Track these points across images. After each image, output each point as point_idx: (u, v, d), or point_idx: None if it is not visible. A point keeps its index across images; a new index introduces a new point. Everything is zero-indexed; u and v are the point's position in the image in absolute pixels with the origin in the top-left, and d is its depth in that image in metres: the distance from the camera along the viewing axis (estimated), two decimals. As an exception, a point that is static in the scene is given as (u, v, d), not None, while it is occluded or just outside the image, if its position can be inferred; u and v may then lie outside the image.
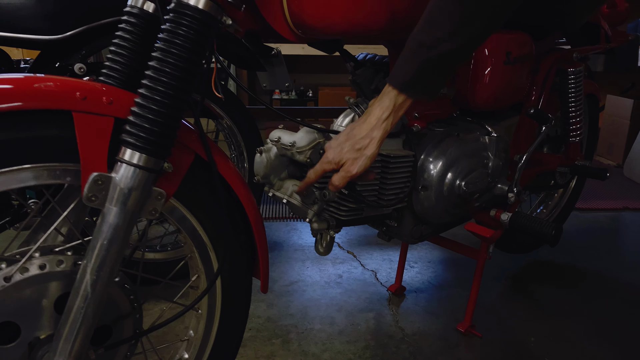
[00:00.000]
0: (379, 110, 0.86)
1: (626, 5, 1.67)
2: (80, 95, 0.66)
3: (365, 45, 2.96)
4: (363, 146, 0.87)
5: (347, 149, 0.88)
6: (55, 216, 0.77)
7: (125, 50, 0.81)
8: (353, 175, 0.88)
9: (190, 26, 0.69)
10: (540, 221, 1.19)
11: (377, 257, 1.85)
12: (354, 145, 0.87)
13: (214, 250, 0.87)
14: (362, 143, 0.87)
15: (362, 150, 0.87)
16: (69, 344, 0.68)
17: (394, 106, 0.86)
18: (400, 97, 0.85)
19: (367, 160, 0.87)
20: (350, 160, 0.88)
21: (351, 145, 0.88)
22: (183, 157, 0.77)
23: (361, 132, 0.87)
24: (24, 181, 0.67)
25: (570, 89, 1.46)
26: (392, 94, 0.85)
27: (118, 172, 0.68)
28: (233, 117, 1.74)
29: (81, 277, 0.68)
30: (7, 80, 0.65)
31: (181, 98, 0.70)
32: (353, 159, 0.88)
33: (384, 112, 0.86)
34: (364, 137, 0.87)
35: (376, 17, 0.89)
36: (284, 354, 1.29)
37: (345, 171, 0.88)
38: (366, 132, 0.87)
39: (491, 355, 1.30)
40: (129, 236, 0.71)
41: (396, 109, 0.86)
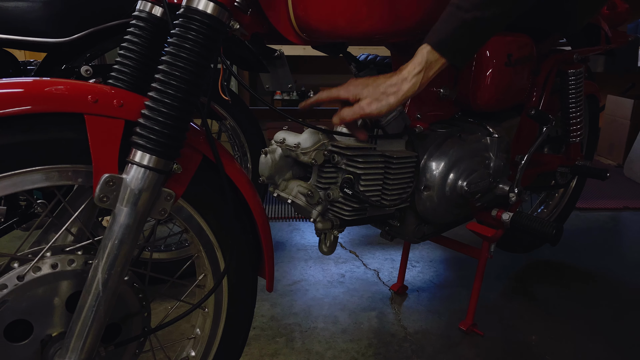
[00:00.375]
0: (412, 65, 0.87)
1: (626, 7, 1.69)
2: (92, 98, 0.68)
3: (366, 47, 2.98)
4: (387, 92, 0.88)
5: (371, 88, 0.88)
6: (66, 216, 0.79)
7: (134, 54, 0.82)
8: (365, 113, 0.88)
9: (199, 31, 0.70)
10: (541, 221, 1.21)
11: (380, 257, 1.87)
12: (379, 87, 0.88)
13: (220, 250, 0.89)
14: (388, 88, 0.88)
15: (385, 95, 0.88)
16: (80, 342, 0.70)
17: (425, 62, 0.86)
18: (432, 55, 0.86)
19: (387, 105, 0.88)
20: (369, 99, 0.88)
21: (376, 87, 0.88)
22: (191, 158, 0.79)
23: (391, 80, 0.88)
24: (36, 182, 0.68)
25: (570, 90, 1.47)
26: (425, 50, 0.86)
27: (129, 174, 0.70)
28: (236, 118, 1.76)
29: (93, 276, 0.70)
30: (18, 84, 0.67)
31: (190, 101, 0.72)
32: (373, 99, 0.88)
33: (415, 67, 0.87)
34: (392, 85, 0.88)
35: (381, 22, 0.91)
36: (288, 352, 1.30)
37: (359, 107, 0.89)
38: (396, 81, 0.88)
39: (493, 354, 1.32)
40: (139, 236, 0.73)
41: (427, 66, 0.87)
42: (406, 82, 0.88)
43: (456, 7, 0.84)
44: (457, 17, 0.84)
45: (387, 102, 0.88)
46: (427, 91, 1.17)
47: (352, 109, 0.90)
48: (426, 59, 0.87)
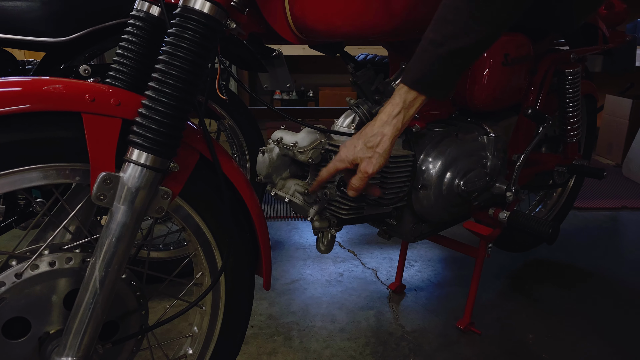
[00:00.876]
0: (390, 107, 0.88)
1: (624, 7, 1.69)
2: (89, 97, 0.68)
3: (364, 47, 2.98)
4: (375, 144, 0.88)
5: (360, 147, 0.89)
6: (63, 215, 0.79)
7: (132, 53, 0.83)
8: (371, 174, 0.89)
9: (196, 30, 0.71)
10: (538, 220, 1.21)
11: (378, 256, 1.87)
12: (366, 143, 0.88)
13: (217, 248, 0.89)
14: (374, 140, 0.88)
15: (374, 148, 0.88)
16: (78, 339, 0.70)
17: (403, 103, 0.87)
18: (410, 94, 0.86)
19: (381, 158, 0.88)
20: (365, 160, 0.88)
21: (363, 144, 0.89)
22: (188, 157, 0.79)
23: (373, 130, 0.88)
24: (34, 181, 0.69)
25: (567, 89, 1.48)
26: (402, 90, 0.87)
27: (126, 172, 0.70)
28: (235, 117, 1.76)
29: (90, 274, 0.70)
30: (16, 83, 0.67)
31: (187, 100, 0.72)
32: (368, 158, 0.88)
33: (394, 108, 0.87)
34: (375, 135, 0.88)
35: (377, 21, 0.91)
36: (286, 350, 1.31)
37: (361, 172, 0.89)
38: (377, 129, 0.88)
39: (490, 352, 1.32)
40: (136, 234, 0.73)
41: (406, 106, 0.87)
42: (387, 126, 0.87)
43: (429, 41, 0.82)
44: (431, 52, 0.82)
45: (379, 153, 0.88)
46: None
47: (358, 177, 0.90)
48: (404, 99, 0.87)
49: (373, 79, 1.05)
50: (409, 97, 0.86)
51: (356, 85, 1.05)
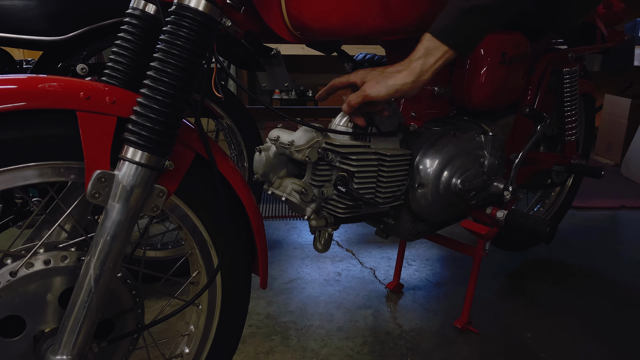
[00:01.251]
0: (413, 53, 0.91)
1: (622, 6, 1.69)
2: (84, 95, 0.68)
3: (363, 46, 2.98)
4: (388, 75, 0.91)
5: (376, 73, 0.93)
6: (59, 213, 0.79)
7: (127, 51, 0.82)
8: (367, 96, 0.92)
9: (190, 28, 0.71)
10: (536, 219, 1.21)
11: (376, 255, 1.87)
12: (383, 72, 0.92)
13: (214, 247, 0.89)
14: (389, 72, 0.91)
15: (385, 78, 0.91)
16: (72, 337, 0.70)
17: (425, 49, 0.90)
18: (432, 42, 0.89)
19: (384, 89, 0.91)
20: (372, 82, 0.92)
21: (380, 72, 0.92)
22: (184, 155, 0.79)
23: (394, 67, 0.92)
24: (29, 179, 0.69)
25: (565, 88, 1.48)
26: (425, 38, 0.90)
27: (121, 170, 0.70)
28: (233, 116, 1.76)
29: (85, 272, 0.70)
30: (11, 81, 0.67)
31: (182, 98, 0.72)
32: (375, 82, 0.91)
33: (416, 53, 0.91)
34: (392, 70, 0.92)
35: (373, 19, 0.91)
36: (283, 350, 1.31)
37: (362, 90, 0.93)
38: (397, 67, 0.92)
39: (488, 352, 1.32)
40: (131, 232, 0.73)
41: (427, 52, 0.90)
42: (406, 68, 0.91)
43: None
44: (457, 5, 0.87)
45: (387, 84, 0.91)
46: (422, 90, 1.17)
47: (357, 94, 0.93)
48: (425, 46, 0.90)
49: (370, 77, 1.05)
50: (430, 45, 0.90)
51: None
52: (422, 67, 0.90)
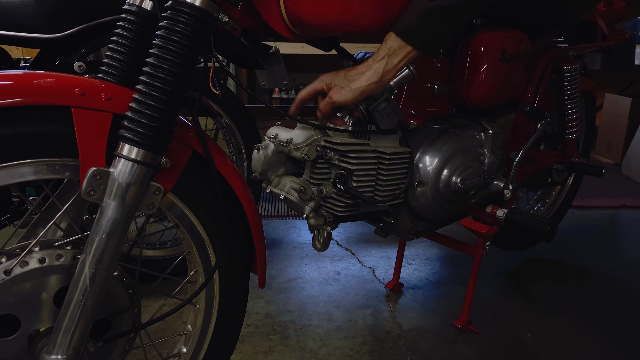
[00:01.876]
0: (376, 53, 0.92)
1: (623, 4, 1.68)
2: (79, 91, 0.67)
3: (362, 44, 2.97)
4: (352, 79, 0.92)
5: (341, 77, 0.94)
6: (54, 211, 0.78)
7: (124, 48, 0.82)
8: (334, 102, 0.93)
9: (187, 23, 0.70)
10: (536, 217, 1.20)
11: (375, 255, 1.86)
12: (346, 76, 0.93)
13: (212, 246, 0.88)
14: (352, 75, 0.92)
15: (349, 82, 0.92)
16: (68, 337, 0.69)
17: (389, 49, 0.90)
18: (395, 42, 0.89)
19: (350, 93, 0.92)
20: (337, 88, 0.93)
21: (344, 76, 0.93)
22: (180, 152, 0.78)
23: (357, 69, 0.93)
24: (23, 176, 0.68)
25: (566, 86, 1.47)
26: (389, 37, 0.90)
27: (116, 167, 0.69)
28: (232, 115, 1.75)
29: (80, 271, 0.69)
30: (6, 77, 0.66)
31: (178, 94, 0.71)
32: (340, 88, 0.93)
33: (379, 54, 0.91)
34: (356, 72, 0.92)
35: (371, 15, 0.90)
36: (282, 349, 1.30)
37: (329, 97, 0.94)
38: (360, 69, 0.92)
39: (488, 351, 1.31)
40: (127, 230, 0.72)
41: (390, 53, 0.90)
42: (369, 69, 0.91)
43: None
44: (421, 5, 0.86)
45: (351, 88, 0.92)
46: (421, 87, 1.17)
47: (325, 101, 0.95)
48: (389, 46, 0.90)
49: (369, 75, 1.04)
50: (394, 45, 0.90)
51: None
52: (385, 67, 0.91)
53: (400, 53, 0.90)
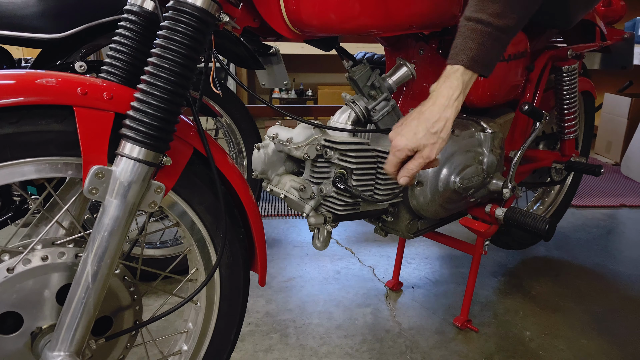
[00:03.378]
0: (448, 90, 0.86)
1: (622, 4, 1.69)
2: (82, 90, 0.68)
3: (362, 44, 2.98)
4: (439, 129, 0.86)
5: (423, 134, 0.86)
6: (57, 209, 0.79)
7: (125, 48, 0.82)
8: (432, 159, 0.88)
9: (188, 23, 0.71)
10: (534, 216, 1.21)
11: (375, 254, 1.87)
12: (430, 129, 0.86)
13: (212, 244, 0.89)
14: (438, 126, 0.86)
15: (438, 134, 0.87)
16: (70, 334, 0.70)
17: (463, 84, 0.86)
18: (467, 74, 0.86)
19: (444, 142, 0.88)
20: (429, 146, 0.87)
21: (426, 130, 0.86)
22: (182, 151, 0.79)
23: (433, 115, 0.86)
24: (26, 174, 0.69)
25: (564, 86, 1.48)
26: (459, 71, 0.86)
27: (118, 166, 0.70)
28: (232, 115, 1.76)
29: (82, 268, 0.70)
30: (9, 76, 0.67)
31: (180, 93, 0.72)
32: (432, 144, 0.87)
33: (454, 91, 0.86)
34: (438, 120, 0.86)
35: (371, 15, 0.91)
36: (282, 347, 1.30)
37: (424, 157, 0.87)
38: (439, 114, 0.86)
39: (487, 349, 1.32)
40: (129, 228, 0.73)
41: (464, 86, 0.87)
42: (449, 109, 0.86)
43: (476, 21, 0.84)
44: (482, 31, 0.84)
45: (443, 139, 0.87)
46: (420, 87, 1.17)
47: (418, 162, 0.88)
48: (462, 80, 0.86)
49: (369, 74, 1.05)
50: (466, 77, 0.86)
51: (352, 81, 1.05)
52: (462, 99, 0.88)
53: (471, 83, 0.88)
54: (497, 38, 0.84)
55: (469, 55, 0.85)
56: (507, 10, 0.83)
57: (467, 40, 0.85)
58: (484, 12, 0.83)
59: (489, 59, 0.87)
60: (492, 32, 0.83)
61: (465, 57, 0.85)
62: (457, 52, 0.86)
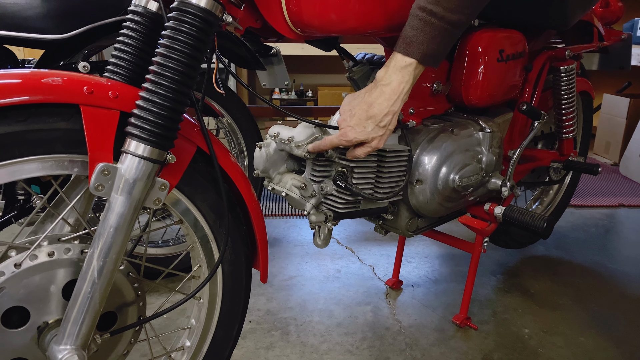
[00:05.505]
0: (400, 84, 0.87)
1: (620, 5, 1.70)
2: (88, 89, 0.69)
3: (363, 45, 2.99)
4: (387, 123, 0.90)
5: (372, 127, 0.89)
6: (63, 207, 0.80)
7: (130, 48, 0.83)
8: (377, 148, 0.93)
9: (192, 24, 0.72)
10: (533, 214, 1.22)
11: (375, 253, 1.88)
12: (379, 122, 0.89)
13: (215, 241, 0.90)
14: (386, 120, 0.89)
15: (387, 127, 0.90)
16: (76, 328, 0.71)
17: (414, 78, 0.87)
18: (419, 68, 0.87)
19: (390, 132, 0.92)
20: (377, 138, 0.91)
21: (375, 124, 0.89)
22: (185, 149, 0.80)
23: (382, 110, 0.88)
24: (32, 172, 0.70)
25: (562, 86, 1.49)
26: (412, 66, 0.86)
27: (123, 163, 0.71)
28: (233, 115, 1.77)
29: (88, 263, 0.71)
30: (16, 75, 0.68)
31: (184, 92, 0.73)
32: (380, 136, 0.91)
33: (405, 85, 0.87)
34: (386, 114, 0.89)
35: (372, 15, 0.92)
36: (283, 345, 1.32)
37: (372, 147, 0.92)
38: (387, 108, 0.88)
39: (486, 347, 1.33)
40: (134, 224, 0.74)
41: (414, 79, 0.88)
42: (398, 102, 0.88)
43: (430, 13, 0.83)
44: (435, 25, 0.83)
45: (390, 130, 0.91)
46: (420, 87, 1.19)
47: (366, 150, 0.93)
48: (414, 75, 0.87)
49: (369, 74, 1.06)
50: (417, 71, 0.87)
51: (352, 80, 1.06)
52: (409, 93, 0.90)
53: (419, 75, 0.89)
54: (449, 33, 0.85)
55: (421, 49, 0.85)
56: (461, 5, 0.83)
57: (419, 32, 0.84)
58: (439, 4, 0.82)
59: (440, 53, 0.87)
60: (444, 26, 0.83)
61: (418, 51, 0.85)
62: (409, 43, 0.85)
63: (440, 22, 0.83)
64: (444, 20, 0.83)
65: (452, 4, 0.82)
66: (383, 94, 0.88)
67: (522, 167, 1.48)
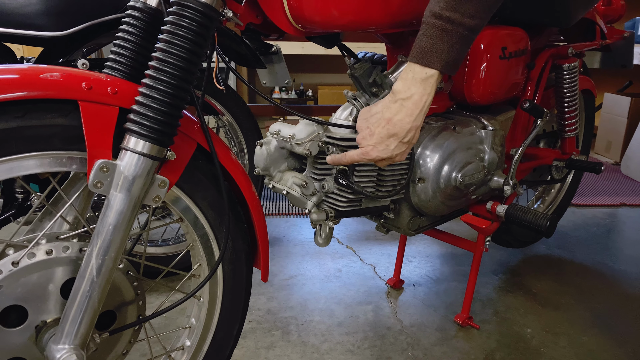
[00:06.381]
0: (422, 96, 0.83)
1: (622, 3, 1.69)
2: (86, 85, 0.68)
3: (364, 43, 2.99)
4: (411, 138, 0.87)
5: (395, 144, 0.87)
6: (61, 204, 0.79)
7: (129, 44, 0.82)
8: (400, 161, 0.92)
9: (192, 18, 0.71)
10: (535, 213, 1.21)
11: (376, 252, 1.87)
12: (402, 139, 0.87)
13: (215, 240, 0.89)
14: (410, 136, 0.87)
15: (410, 142, 0.88)
16: (74, 327, 0.70)
17: (435, 89, 0.84)
18: (439, 78, 0.83)
19: (411, 146, 0.90)
20: (400, 154, 0.89)
21: (398, 141, 0.87)
22: (185, 146, 0.79)
23: (404, 125, 0.85)
24: (31, 168, 0.69)
25: (565, 83, 1.48)
26: (434, 77, 0.82)
27: (123, 160, 0.70)
28: (234, 113, 1.76)
29: (87, 261, 0.70)
30: (14, 71, 0.68)
31: (184, 88, 0.72)
32: (402, 152, 0.89)
33: (427, 97, 0.84)
34: (409, 130, 0.86)
35: (373, 11, 0.91)
36: (284, 344, 1.31)
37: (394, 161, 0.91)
38: (410, 123, 0.85)
39: (488, 346, 1.32)
40: (133, 222, 0.73)
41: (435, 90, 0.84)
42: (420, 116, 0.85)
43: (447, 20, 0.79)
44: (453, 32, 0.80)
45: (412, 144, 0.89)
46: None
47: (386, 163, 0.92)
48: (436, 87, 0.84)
49: (370, 71, 1.05)
50: (438, 82, 0.84)
51: (353, 78, 1.05)
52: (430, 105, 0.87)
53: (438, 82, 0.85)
54: (468, 39, 0.81)
55: (442, 59, 0.81)
56: (479, 9, 0.79)
57: (437, 41, 0.80)
58: (456, 10, 0.78)
59: (459, 59, 0.83)
60: (463, 33, 0.80)
61: (438, 61, 0.81)
62: (427, 53, 0.81)
63: (459, 28, 0.79)
64: (463, 26, 0.79)
65: (471, 9, 0.79)
66: (404, 109, 0.84)
67: (525, 165, 1.47)
